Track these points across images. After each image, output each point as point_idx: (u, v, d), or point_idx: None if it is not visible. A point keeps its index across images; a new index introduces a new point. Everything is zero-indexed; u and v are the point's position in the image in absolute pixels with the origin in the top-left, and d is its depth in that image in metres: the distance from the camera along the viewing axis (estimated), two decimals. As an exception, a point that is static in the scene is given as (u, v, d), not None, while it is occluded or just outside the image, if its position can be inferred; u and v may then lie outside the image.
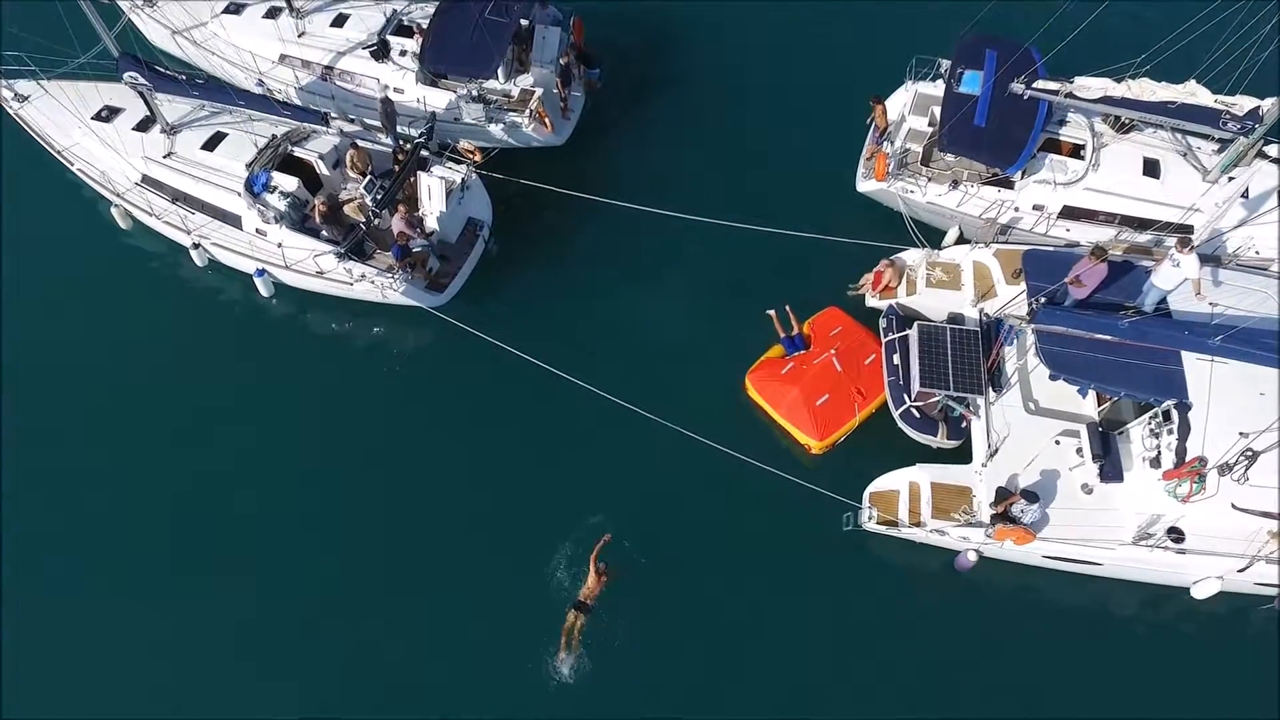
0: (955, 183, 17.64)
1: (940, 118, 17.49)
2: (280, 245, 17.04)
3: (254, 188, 17.28)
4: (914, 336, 16.09)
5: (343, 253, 16.87)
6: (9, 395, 17.04)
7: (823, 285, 17.97)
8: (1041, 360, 15.00)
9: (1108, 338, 14.92)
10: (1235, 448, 13.80)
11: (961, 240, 18.22)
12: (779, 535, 15.74)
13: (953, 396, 15.53)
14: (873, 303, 17.69)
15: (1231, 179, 16.80)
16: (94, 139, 18.01)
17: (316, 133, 18.09)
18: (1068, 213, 17.34)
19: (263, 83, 18.81)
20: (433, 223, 17.71)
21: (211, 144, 17.73)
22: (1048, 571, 15.24)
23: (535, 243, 18.94)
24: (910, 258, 17.73)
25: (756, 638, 14.97)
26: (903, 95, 18.86)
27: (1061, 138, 17.67)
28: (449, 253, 18.01)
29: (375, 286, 17.05)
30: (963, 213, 17.79)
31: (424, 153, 17.73)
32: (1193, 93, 16.49)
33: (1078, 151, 17.59)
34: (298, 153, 17.92)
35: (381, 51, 19.31)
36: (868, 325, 17.32)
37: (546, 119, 19.05)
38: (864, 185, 18.50)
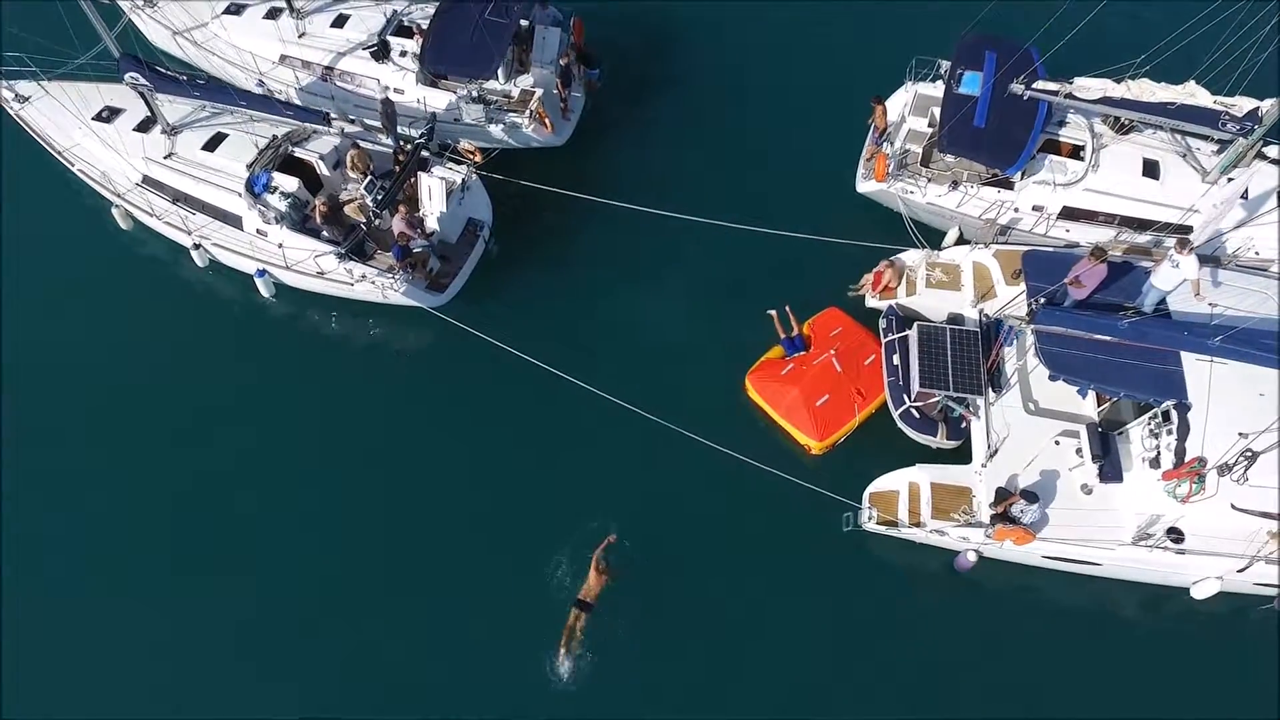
0: (955, 183, 17.66)
1: (940, 118, 17.50)
2: (281, 246, 17.06)
3: (255, 188, 17.29)
4: (914, 337, 16.11)
5: (343, 253, 16.88)
6: (9, 395, 17.05)
7: (822, 286, 17.98)
8: (1041, 361, 15.02)
9: (1107, 338, 14.94)
10: (1235, 448, 13.81)
11: (961, 241, 18.23)
12: (779, 535, 15.76)
13: (952, 397, 15.55)
14: (872, 303, 17.70)
15: (1231, 180, 16.81)
16: (95, 140, 18.02)
17: (317, 133, 18.12)
18: (1067, 213, 17.35)
19: (263, 83, 18.82)
20: (433, 223, 17.72)
21: (212, 144, 17.74)
22: (1047, 572, 15.25)
23: (535, 243, 18.96)
24: (910, 258, 17.74)
25: (756, 638, 14.99)
26: (902, 96, 18.87)
27: (1061, 138, 17.69)
28: (449, 253, 18.03)
29: (376, 287, 17.07)
30: (962, 213, 17.81)
31: (424, 153, 17.75)
32: (1192, 93, 16.53)
33: (1077, 152, 17.60)
34: (298, 153, 17.93)
35: (382, 52, 19.32)
36: (868, 326, 17.34)
37: (546, 119, 19.07)
38: (864, 186, 18.51)
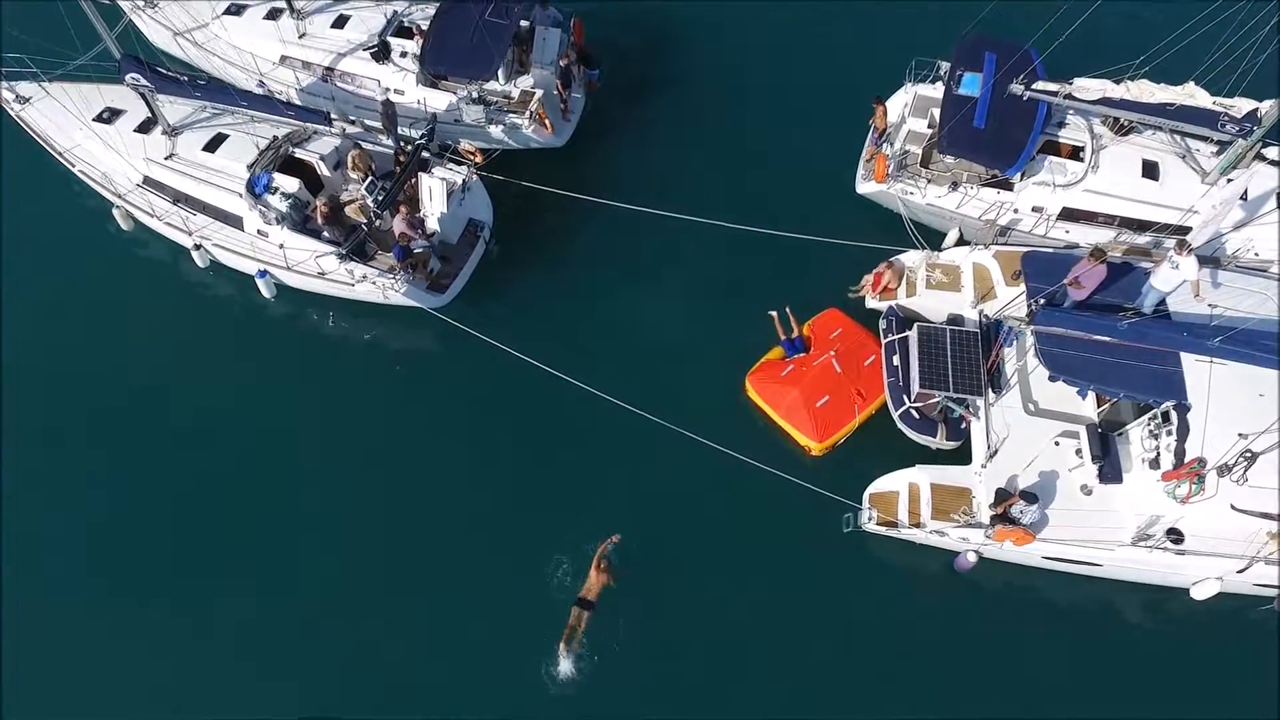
0: (955, 184, 17.67)
1: (940, 119, 17.52)
2: (282, 246, 17.07)
3: (255, 189, 17.31)
4: (914, 338, 16.12)
5: (344, 254, 16.90)
6: (10, 395, 17.06)
7: (822, 286, 18.00)
8: (1041, 361, 15.04)
9: (1107, 339, 14.96)
10: (1234, 449, 13.83)
11: (961, 242, 18.25)
12: (779, 536, 15.77)
13: (952, 398, 15.56)
14: (873, 304, 17.72)
15: (1230, 180, 16.83)
16: (95, 140, 18.03)
17: (318, 134, 18.14)
18: (1067, 214, 17.37)
19: (263, 84, 18.83)
20: (434, 224, 17.72)
21: (213, 145, 17.76)
22: (1047, 572, 15.26)
23: (536, 244, 18.98)
24: (910, 259, 17.76)
25: (756, 638, 15.00)
26: (902, 97, 18.90)
27: (1061, 139, 17.71)
28: (450, 254, 18.04)
29: (377, 287, 17.08)
30: (962, 214, 17.82)
31: (425, 154, 17.77)
32: (1191, 94, 16.57)
33: (1077, 153, 17.62)
34: (299, 154, 17.95)
35: (382, 53, 19.34)
36: (868, 326, 17.36)
37: (547, 120, 19.09)
38: (864, 187, 18.53)
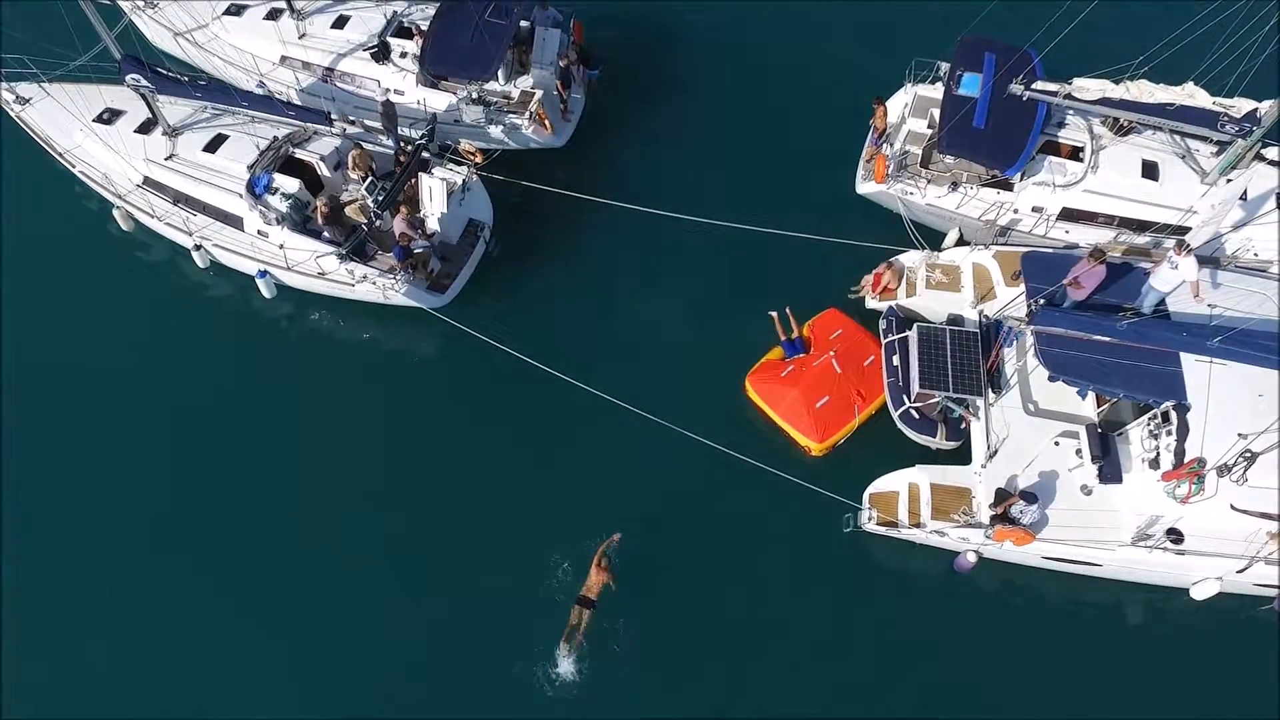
0: (954, 185, 17.68)
1: (939, 120, 17.52)
2: (282, 247, 17.08)
3: (255, 189, 17.33)
4: (913, 338, 16.13)
5: (344, 254, 16.91)
6: (10, 396, 17.07)
7: (822, 286, 18.01)
8: (1040, 362, 15.04)
9: (1106, 339, 14.97)
10: (1234, 449, 13.83)
11: (961, 242, 18.26)
12: (779, 536, 15.79)
13: (952, 398, 15.57)
14: (872, 304, 17.73)
15: (1230, 181, 16.84)
16: (96, 141, 18.05)
17: (318, 134, 18.15)
18: (1067, 214, 17.37)
19: (264, 84, 18.84)
20: (434, 224, 17.73)
21: (213, 146, 17.77)
22: (1047, 572, 15.27)
23: (536, 244, 18.99)
24: (910, 259, 17.77)
25: (756, 638, 15.01)
26: (902, 97, 18.91)
27: (1060, 140, 17.71)
28: (450, 254, 18.05)
29: (377, 287, 17.09)
30: (962, 214, 17.83)
31: (425, 154, 17.78)
32: (1191, 94, 16.58)
33: (1076, 154, 17.63)
34: (299, 154, 17.96)
35: (382, 53, 19.35)
36: (867, 327, 17.37)
37: (546, 121, 19.09)
38: (863, 187, 18.54)
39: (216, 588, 15.32)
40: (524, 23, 19.71)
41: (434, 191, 17.42)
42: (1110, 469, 14.84)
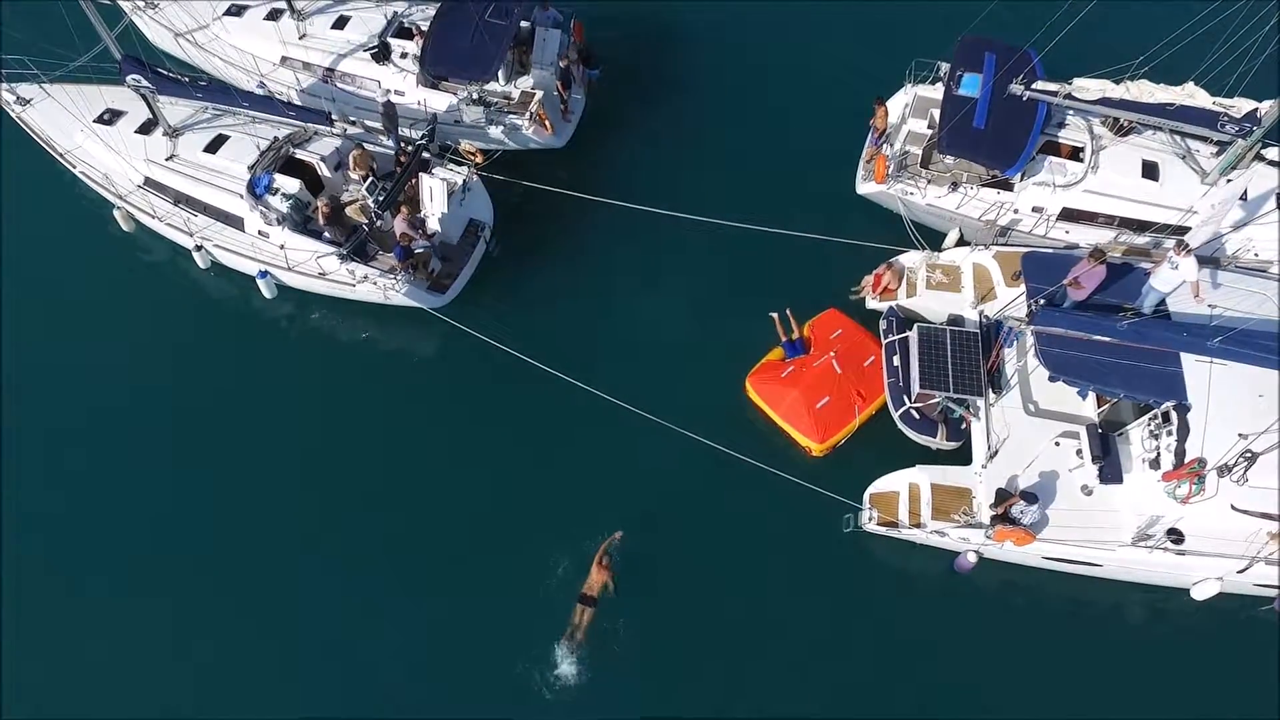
0: (955, 185, 17.68)
1: (939, 120, 17.53)
2: (283, 247, 17.09)
3: (256, 190, 17.34)
4: (914, 338, 16.13)
5: (345, 254, 16.92)
6: (10, 396, 17.07)
7: (823, 287, 18.01)
8: (1041, 362, 15.04)
9: (1107, 339, 14.97)
10: (1234, 449, 13.83)
11: (961, 242, 18.26)
12: (779, 536, 15.79)
13: (952, 398, 15.57)
14: (873, 305, 17.74)
15: (1230, 181, 16.84)
16: (96, 142, 18.06)
17: (318, 134, 18.16)
18: (1067, 215, 17.38)
19: (264, 85, 18.85)
20: (434, 224, 17.74)
21: (214, 146, 17.79)
22: (1048, 573, 15.27)
23: (536, 244, 18.99)
24: (910, 260, 17.77)
25: (756, 638, 15.00)
26: (902, 98, 18.92)
27: (1060, 140, 17.72)
28: (450, 254, 18.06)
29: (378, 288, 17.10)
30: (962, 215, 17.83)
31: (425, 154, 17.79)
32: (1191, 94, 16.59)
33: (1077, 154, 17.63)
34: (299, 155, 17.97)
35: (382, 54, 19.36)
36: (868, 327, 17.37)
37: (547, 121, 19.10)
38: (863, 187, 18.54)
39: (216, 588, 15.33)
40: (524, 23, 19.73)
41: (434, 192, 17.43)
42: (1111, 469, 14.85)
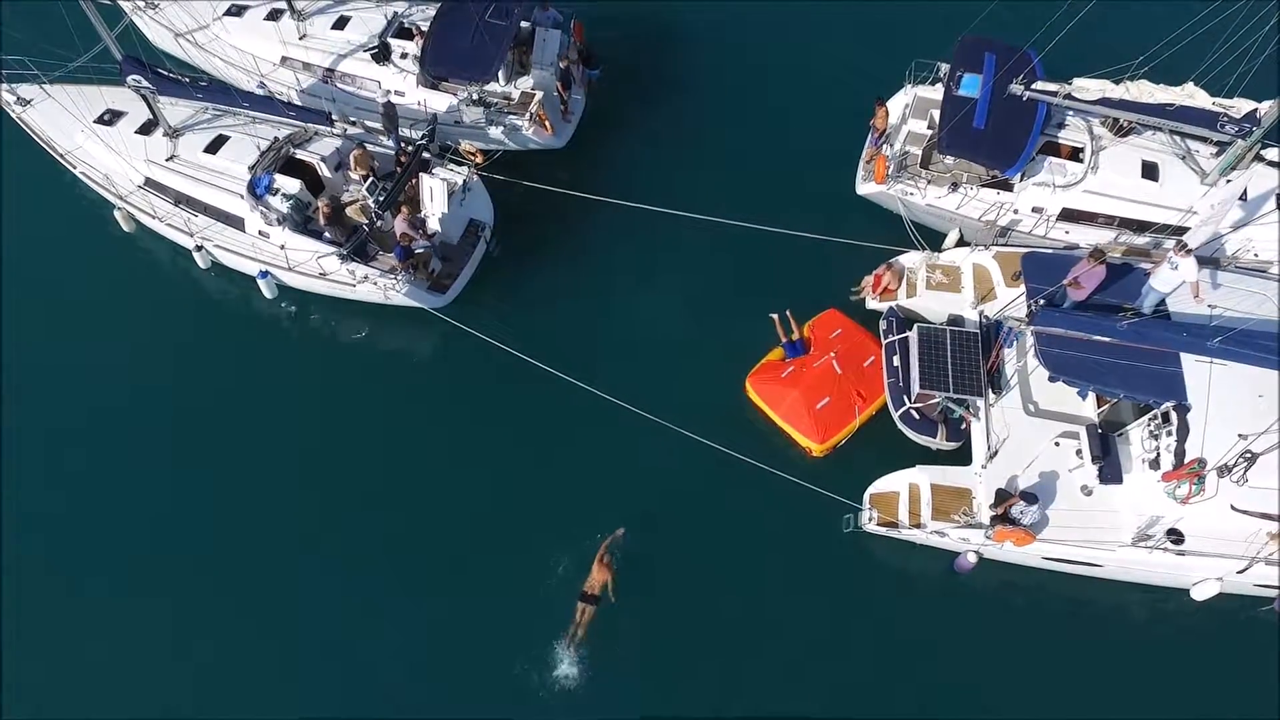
0: (955, 185, 17.68)
1: (939, 120, 17.54)
2: (283, 247, 17.10)
3: (257, 190, 17.35)
4: (914, 338, 16.14)
5: (345, 254, 16.92)
6: (10, 396, 17.08)
7: (823, 287, 18.01)
8: (1041, 362, 15.05)
9: (1107, 340, 14.98)
10: (1234, 449, 13.84)
11: (961, 243, 18.26)
12: (779, 536, 15.79)
13: (952, 398, 15.58)
14: (873, 305, 17.74)
15: (1230, 181, 16.84)
16: (97, 142, 18.06)
17: (319, 135, 18.17)
18: (1067, 215, 17.39)
19: (264, 85, 18.86)
20: (435, 224, 17.74)
21: (214, 147, 17.80)
22: (1048, 573, 15.27)
23: (536, 244, 19.00)
24: (910, 260, 17.77)
25: (756, 638, 15.01)
26: (902, 98, 18.92)
27: (1060, 140, 17.72)
28: (451, 254, 18.06)
29: (378, 288, 17.11)
30: (962, 215, 17.83)
31: (426, 155, 17.79)
32: (1191, 95, 16.59)
33: (1076, 154, 17.63)
34: (300, 155, 17.98)
35: (382, 54, 19.36)
36: (868, 327, 17.37)
37: (547, 121, 19.11)
38: (863, 188, 18.54)
39: (216, 588, 15.33)
40: (524, 23, 19.75)
41: (435, 192, 17.44)
42: (1110, 469, 14.85)
